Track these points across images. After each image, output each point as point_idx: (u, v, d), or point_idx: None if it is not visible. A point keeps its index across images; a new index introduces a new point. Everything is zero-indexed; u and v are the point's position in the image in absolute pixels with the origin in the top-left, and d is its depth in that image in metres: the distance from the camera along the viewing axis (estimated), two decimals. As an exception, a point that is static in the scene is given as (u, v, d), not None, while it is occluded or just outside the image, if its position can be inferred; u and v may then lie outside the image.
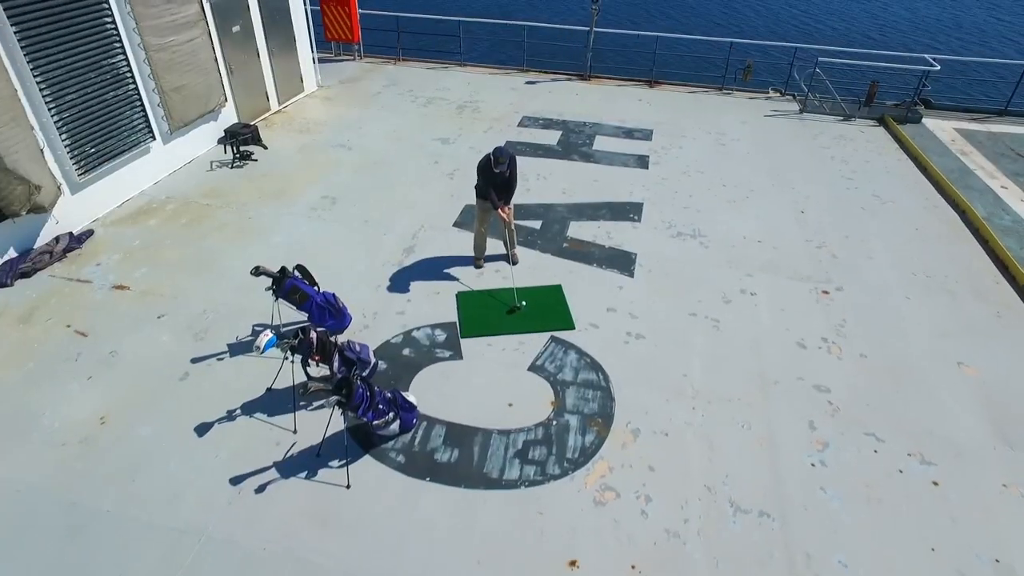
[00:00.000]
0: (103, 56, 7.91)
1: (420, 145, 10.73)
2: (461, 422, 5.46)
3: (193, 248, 7.76)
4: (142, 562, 4.35)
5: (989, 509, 4.90)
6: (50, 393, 5.65)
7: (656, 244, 8.12)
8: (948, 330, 6.80)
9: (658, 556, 4.49)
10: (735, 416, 5.62)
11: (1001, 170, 10.50)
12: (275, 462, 5.09)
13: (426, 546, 4.51)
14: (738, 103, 13.40)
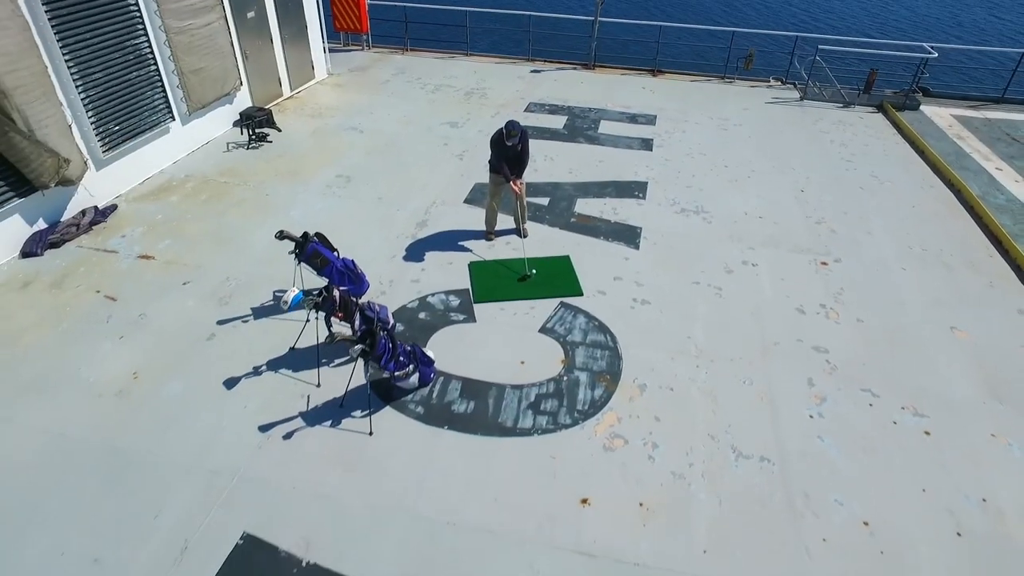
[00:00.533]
0: (126, 37, 8.19)
1: (430, 128, 11.00)
2: (476, 377, 5.74)
3: (214, 222, 8.05)
4: (180, 499, 4.63)
5: (977, 456, 5.17)
6: (85, 351, 5.93)
7: (660, 220, 8.39)
8: (942, 298, 7.07)
9: (665, 495, 4.77)
10: (737, 373, 5.89)
11: (996, 153, 10.76)
12: (300, 412, 5.37)
13: (445, 486, 4.78)
14: (740, 91, 13.67)
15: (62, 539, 4.35)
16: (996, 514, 4.71)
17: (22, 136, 6.73)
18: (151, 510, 4.56)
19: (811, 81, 13.31)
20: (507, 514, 4.59)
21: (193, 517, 4.51)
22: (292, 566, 4.22)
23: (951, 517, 4.67)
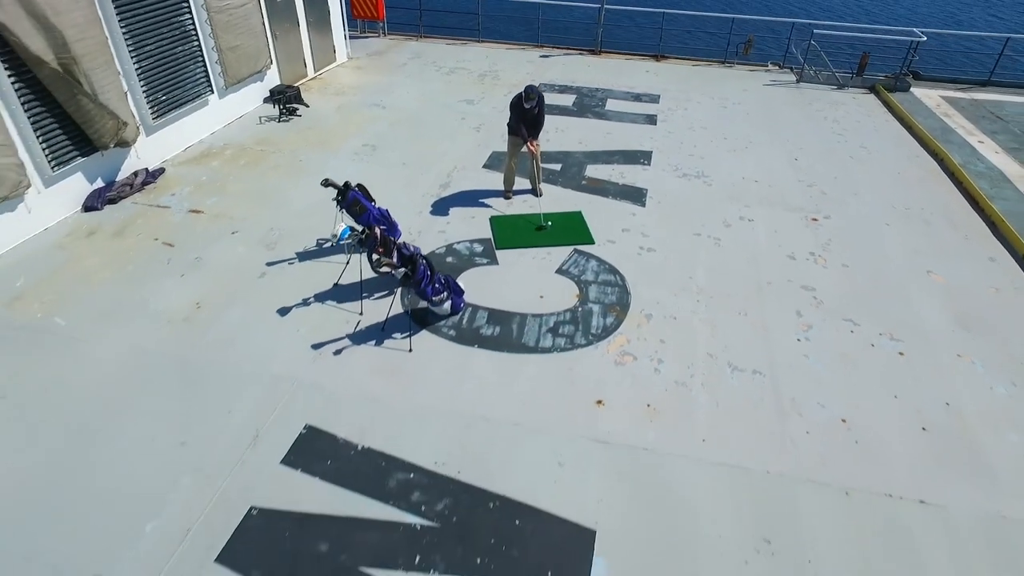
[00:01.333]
0: (174, 14, 8.92)
1: (447, 105, 11.72)
2: (501, 308, 6.45)
3: (254, 183, 8.77)
4: (248, 399, 5.35)
5: (944, 370, 5.88)
6: (151, 286, 6.66)
7: (664, 182, 9.10)
8: (921, 249, 7.78)
9: (669, 399, 5.47)
10: (734, 307, 6.60)
11: (980, 129, 11.45)
12: (347, 334, 6.08)
13: (477, 392, 5.49)
14: (739, 74, 14.37)
15: (151, 429, 5.07)
16: (957, 415, 5.42)
17: (88, 99, 7.45)
18: (224, 407, 5.27)
19: (807, 65, 14.00)
20: (532, 412, 5.30)
21: (261, 413, 5.22)
22: (349, 449, 4.93)
23: (918, 416, 5.38)
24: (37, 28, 6.82)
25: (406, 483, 4.68)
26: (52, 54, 7.00)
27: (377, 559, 4.19)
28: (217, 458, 4.83)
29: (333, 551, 4.23)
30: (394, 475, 4.74)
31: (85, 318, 6.19)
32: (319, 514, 4.45)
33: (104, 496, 4.53)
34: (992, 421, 5.36)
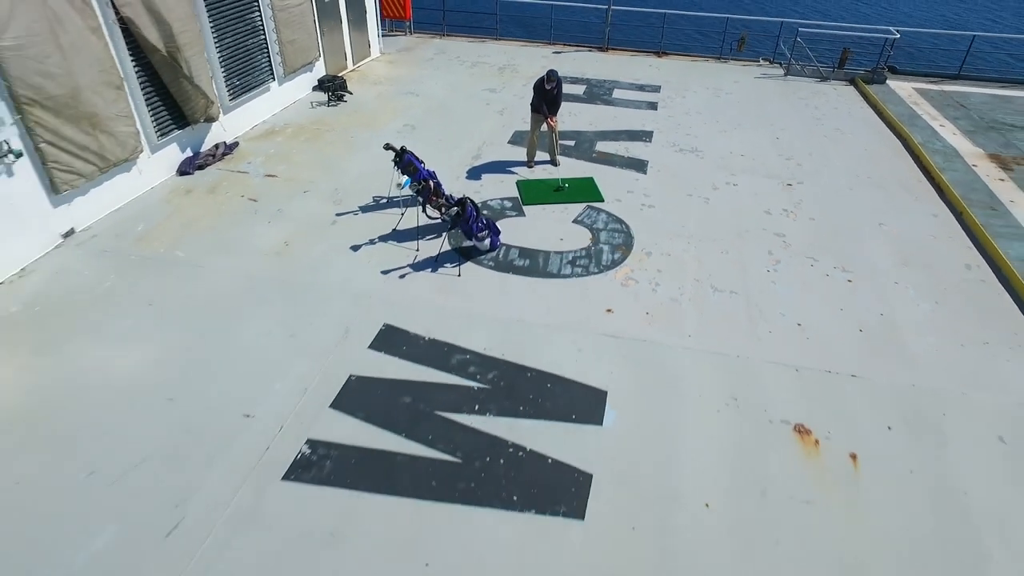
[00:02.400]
0: (247, 12, 10.53)
1: (473, 94, 13.31)
2: (529, 247, 8.02)
3: (315, 155, 10.36)
4: (335, 309, 6.91)
5: (882, 293, 7.42)
6: (246, 230, 8.24)
7: (663, 156, 10.66)
8: (877, 207, 9.32)
9: (663, 310, 7.03)
10: (717, 247, 8.16)
11: (944, 115, 12.98)
12: (408, 264, 7.65)
13: (514, 303, 7.05)
14: (733, 69, 15.92)
15: (267, 327, 6.63)
16: (889, 323, 6.96)
17: (187, 80, 9.06)
18: (320, 313, 6.84)
19: (793, 60, 15.55)
20: (557, 316, 6.86)
21: (348, 316, 6.79)
22: (419, 340, 6.49)
23: (857, 322, 6.92)
24: (153, 22, 8.42)
25: (464, 361, 6.25)
26: (163, 43, 8.60)
27: (448, 407, 5.75)
28: (320, 345, 6.40)
29: (414, 402, 5.79)
30: (455, 356, 6.31)
31: (199, 252, 7.78)
32: (401, 379, 6.02)
33: (239, 367, 6.10)
34: (915, 327, 6.90)
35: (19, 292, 7.03)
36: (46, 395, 5.77)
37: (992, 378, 6.24)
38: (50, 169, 7.44)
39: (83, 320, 6.64)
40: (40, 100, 7.09)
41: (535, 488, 5.04)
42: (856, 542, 4.71)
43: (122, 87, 8.21)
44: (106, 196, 8.43)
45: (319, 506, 4.87)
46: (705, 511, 4.93)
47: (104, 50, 7.84)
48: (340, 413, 5.66)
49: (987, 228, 8.62)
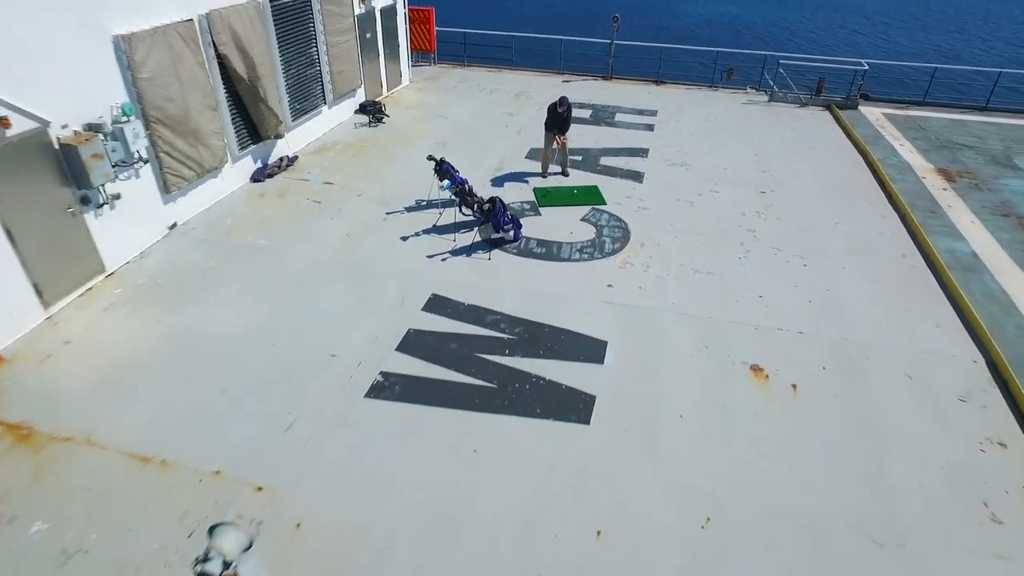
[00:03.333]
0: (307, 47, 12.57)
1: (493, 117, 15.29)
2: (545, 238, 9.86)
3: (363, 167, 12.30)
4: (392, 284, 8.73)
5: (831, 275, 9.19)
6: (313, 225, 10.12)
7: (657, 169, 12.54)
8: (836, 211, 11.12)
9: (653, 285, 8.82)
10: (699, 240, 9.97)
11: (904, 136, 14.84)
12: (448, 251, 9.49)
13: (534, 279, 8.86)
14: (722, 96, 17.89)
15: (338, 298, 8.45)
16: (833, 296, 8.72)
17: (264, 104, 11.04)
18: (379, 287, 8.67)
19: (776, 88, 17.50)
20: (568, 289, 8.66)
21: (403, 288, 8.61)
22: (460, 305, 8.30)
23: (807, 295, 8.69)
24: (241, 57, 10.43)
25: (496, 320, 8.05)
26: (247, 73, 10.59)
27: (484, 351, 7.54)
28: (382, 309, 8.22)
29: (459, 348, 7.58)
30: (488, 316, 8.11)
31: (278, 241, 9.66)
32: (448, 332, 7.82)
33: (322, 323, 7.91)
34: (854, 300, 8.67)
35: (143, 269, 8.91)
36: (177, 340, 7.61)
37: (907, 335, 7.99)
38: (164, 173, 9.37)
39: (195, 289, 8.50)
40: (163, 119, 9.05)
41: (553, 404, 6.80)
42: (791, 441, 6.44)
43: (216, 109, 10.18)
44: (199, 197, 10.35)
45: (393, 414, 6.65)
46: (679, 420, 6.67)
47: (206, 80, 9.83)
48: (404, 355, 7.46)
49: (924, 227, 10.42)
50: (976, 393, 7.13)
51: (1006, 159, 13.55)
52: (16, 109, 7.16)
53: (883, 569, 5.26)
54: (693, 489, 5.90)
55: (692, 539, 5.48)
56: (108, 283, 8.63)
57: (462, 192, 9.68)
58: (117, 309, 8.16)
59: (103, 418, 6.50)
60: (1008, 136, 14.94)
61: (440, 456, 6.17)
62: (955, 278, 9.04)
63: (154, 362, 7.26)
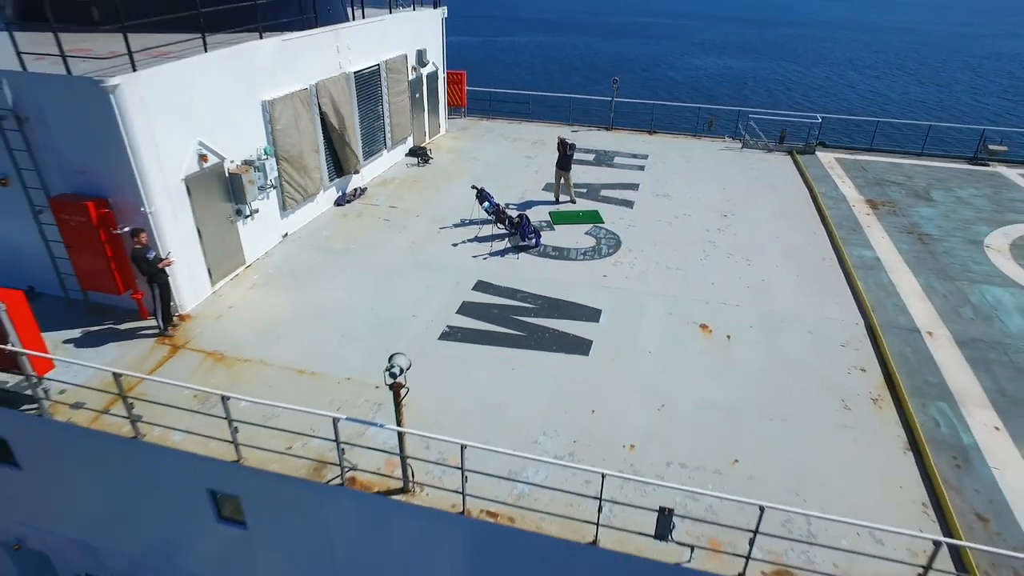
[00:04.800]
0: (375, 104, 16.46)
1: (515, 159, 19.06)
2: (558, 245, 13.41)
3: (418, 195, 16.00)
4: (450, 274, 12.25)
5: (767, 269, 12.62)
6: (387, 236, 13.74)
7: (644, 199, 16.15)
8: (779, 230, 14.61)
9: (636, 276, 12.29)
10: (672, 248, 13.47)
11: (848, 176, 18.41)
12: (487, 253, 13.04)
13: (550, 272, 12.35)
14: (703, 143, 21.64)
15: (412, 282, 11.97)
16: (767, 284, 12.14)
17: (349, 148, 14.83)
18: (440, 276, 12.18)
19: (748, 137, 21.24)
20: (574, 277, 12.14)
21: (457, 276, 12.12)
22: (498, 287, 11.79)
23: (747, 283, 12.11)
24: (335, 113, 14.26)
25: (524, 295, 11.52)
26: (338, 124, 14.41)
27: (515, 313, 10.99)
28: (445, 289, 11.72)
29: (498, 311, 11.04)
30: (518, 293, 11.59)
31: (363, 246, 13.26)
32: (490, 303, 11.30)
33: (403, 297, 11.40)
34: (780, 286, 12.07)
35: (269, 263, 12.51)
36: (303, 308, 11.13)
37: (814, 308, 11.36)
38: (284, 196, 13.07)
39: (309, 277, 12.06)
40: (287, 158, 12.80)
41: (563, 344, 10.20)
42: (721, 366, 9.78)
43: (318, 151, 13.97)
44: (302, 216, 14.02)
45: (457, 350, 10.07)
46: (648, 354, 10.04)
47: (313, 130, 13.64)
48: (461, 316, 10.92)
49: (844, 240, 13.88)
50: (853, 342, 10.47)
51: (925, 193, 17.07)
52: (210, 150, 10.89)
53: (772, 433, 8.53)
54: (654, 388, 9.24)
55: (651, 416, 8.78)
56: (248, 272, 12.22)
57: (497, 211, 13.31)
58: (258, 288, 11.72)
59: (266, 350, 9.97)
60: (932, 176, 18.48)
61: (489, 372, 9.56)
62: (857, 274, 12.44)
63: (291, 320, 10.77)
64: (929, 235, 14.39)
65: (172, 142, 10.13)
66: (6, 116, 9.44)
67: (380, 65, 16.31)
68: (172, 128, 10.08)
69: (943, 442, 8.39)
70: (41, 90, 9.24)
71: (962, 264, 13.02)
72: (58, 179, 9.94)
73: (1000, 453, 8.24)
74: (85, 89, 8.90)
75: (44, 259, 10.62)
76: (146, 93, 9.40)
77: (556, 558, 7.14)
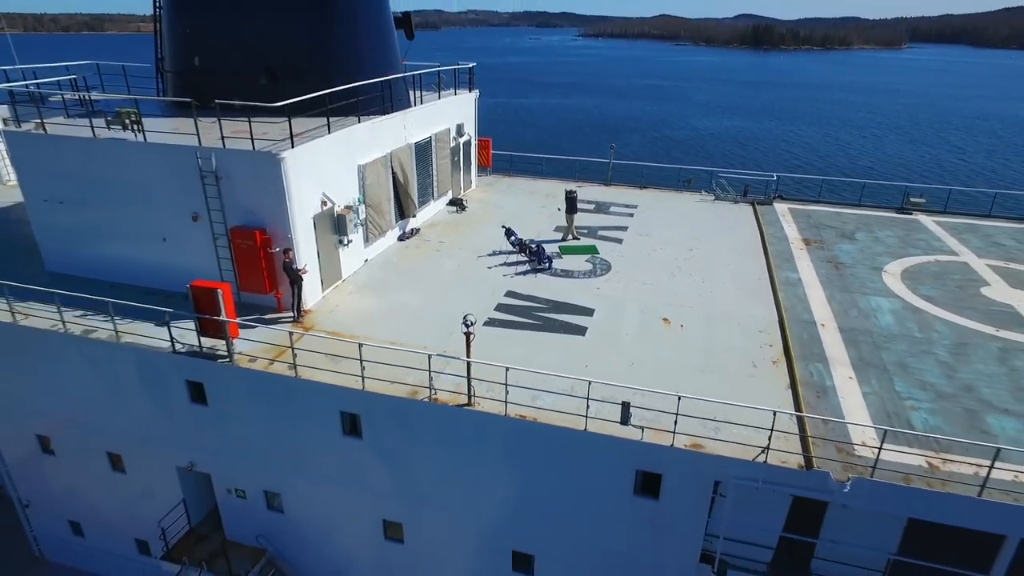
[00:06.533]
0: (427, 166, 21.82)
1: (532, 208, 24.28)
2: (565, 268, 18.41)
3: (458, 235, 21.15)
4: (487, 286, 17.20)
5: (717, 286, 17.50)
6: (439, 262, 18.78)
7: (631, 237, 21.20)
8: (731, 259, 19.52)
9: (621, 288, 17.19)
10: (649, 271, 18.39)
11: (795, 221, 23.41)
12: (513, 274, 18.03)
13: (559, 285, 17.26)
14: (683, 196, 26.81)
15: (462, 292, 16.94)
16: (714, 295, 16.95)
17: (410, 198, 20.10)
18: (481, 288, 17.14)
19: (719, 191, 26.42)
20: (577, 288, 17.05)
21: (492, 288, 17.06)
22: (521, 294, 16.74)
23: (701, 294, 16.95)
24: (402, 172, 19.57)
25: (541, 299, 16.44)
26: (404, 180, 19.70)
27: (535, 311, 15.88)
28: (485, 296, 16.66)
29: (524, 309, 15.95)
30: (536, 299, 16.51)
31: (420, 267, 18.30)
32: (515, 304, 16.22)
33: (457, 300, 16.32)
34: (725, 297, 16.89)
35: (358, 279, 17.57)
36: (388, 306, 16.11)
37: (745, 310, 16.15)
38: (367, 231, 18.23)
39: (388, 288, 17.08)
40: (372, 205, 18.02)
41: (568, 329, 15.04)
42: (674, 343, 14.56)
43: (390, 199, 19.23)
44: (377, 247, 19.15)
45: (498, 332, 14.96)
46: (626, 336, 14.86)
47: (388, 185, 18.93)
48: (498, 312, 15.83)
49: (777, 266, 18.76)
50: (768, 330, 15.22)
51: (851, 234, 22.00)
52: (328, 198, 16.11)
53: (704, 379, 13.21)
54: (628, 355, 14.00)
55: (624, 370, 13.50)
56: (343, 284, 17.26)
57: (520, 244, 18.37)
58: (353, 295, 16.72)
59: (369, 331, 14.84)
60: (862, 221, 23.45)
61: (517, 346, 14.35)
62: (781, 288, 17.27)
63: (379, 314, 15.72)
64: (843, 263, 19.26)
65: (307, 193, 15.33)
66: (208, 176, 14.68)
67: (432, 137, 21.76)
68: (307, 184, 15.29)
69: (812, 384, 13.05)
70: (235, 159, 14.48)
71: (860, 283, 17.84)
72: (234, 216, 15.09)
73: (846, 390, 12.88)
74: (265, 159, 14.15)
75: (213, 270, 15.66)
76: (298, 162, 14.65)
77: (561, 441, 11.79)
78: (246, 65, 17.71)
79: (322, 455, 13.99)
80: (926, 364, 13.80)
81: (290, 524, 15.33)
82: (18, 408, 16.71)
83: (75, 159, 15.74)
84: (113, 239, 16.43)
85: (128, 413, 15.21)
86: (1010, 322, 15.70)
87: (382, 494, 13.91)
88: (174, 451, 15.34)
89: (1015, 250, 20.69)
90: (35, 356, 15.31)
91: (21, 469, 18.03)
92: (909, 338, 14.89)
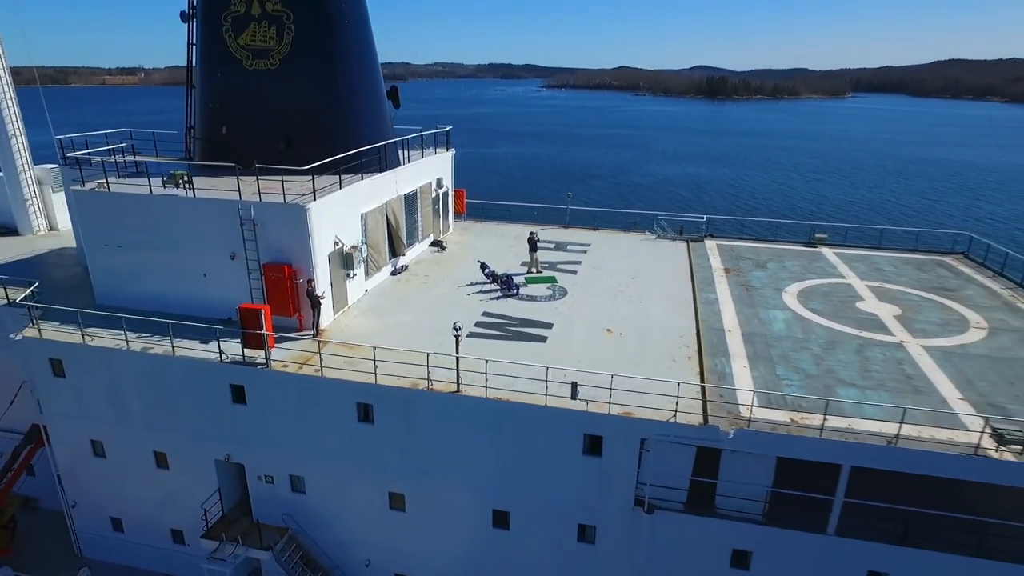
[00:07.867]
0: (414, 212, 26.14)
1: (503, 248, 28.66)
2: (530, 294, 22.71)
3: (441, 269, 25.36)
4: (467, 309, 21.32)
5: (651, 304, 21.95)
6: (427, 291, 22.90)
7: (587, 269, 25.67)
8: (664, 284, 24.03)
9: (577, 308, 21.51)
10: (598, 294, 22.77)
11: (720, 255, 28.23)
12: (488, 299, 22.25)
13: (525, 307, 21.53)
14: (630, 236, 31.52)
15: (450, 312, 21.02)
16: (647, 312, 21.39)
17: (399, 238, 24.32)
18: (463, 310, 21.26)
19: (659, 231, 31.27)
20: (539, 309, 21.31)
21: (473, 309, 21.22)
22: (495, 314, 20.94)
23: (639, 311, 21.35)
24: (395, 218, 23.83)
25: (511, 318, 20.64)
26: (395, 225, 23.95)
27: (506, 326, 20.07)
28: (464, 316, 20.72)
29: (499, 323, 20.12)
30: (508, 317, 20.72)
31: (413, 296, 22.40)
32: (493, 321, 20.40)
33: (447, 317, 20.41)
34: (656, 312, 21.25)
35: (360, 305, 21.57)
36: (388, 326, 20.19)
37: (670, 321, 20.54)
38: (368, 267, 22.34)
39: (386, 311, 21.11)
40: (372, 245, 22.19)
41: (532, 338, 19.25)
42: (615, 346, 18.84)
43: (385, 241, 23.45)
44: (374, 280, 23.20)
45: (480, 341, 19.08)
46: (578, 342, 19.11)
47: (385, 229, 23.15)
48: (477, 327, 19.96)
49: (699, 289, 23.34)
50: (686, 335, 19.60)
51: (763, 264, 26.85)
52: (339, 239, 20.25)
53: (636, 370, 17.45)
54: (577, 357, 18.18)
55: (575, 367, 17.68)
56: (349, 309, 21.23)
57: (493, 276, 22.68)
58: (358, 317, 20.70)
59: (372, 342, 18.81)
60: (773, 254, 28.39)
61: (494, 350, 18.45)
62: (700, 306, 21.79)
63: (381, 330, 19.74)
64: (753, 286, 23.98)
65: (324, 235, 19.45)
66: (247, 223, 18.71)
67: (417, 189, 26.18)
68: (324, 228, 19.42)
69: (716, 371, 17.40)
70: (270, 210, 18.58)
71: (764, 300, 22.49)
72: (266, 254, 19.08)
73: (740, 374, 17.24)
74: (295, 210, 18.30)
75: (245, 298, 19.50)
76: (319, 211, 18.81)
77: (528, 415, 15.80)
78: (267, 133, 21.98)
79: (341, 439, 17.70)
80: (802, 356, 18.30)
81: (311, 503, 18.84)
82: (79, 417, 20.01)
83: (135, 211, 19.63)
84: (160, 276, 20.19)
85: (176, 415, 18.73)
86: (871, 326, 20.43)
87: (389, 468, 17.63)
88: (214, 446, 18.83)
89: (891, 274, 25.75)
90: (100, 372, 18.81)
91: (73, 472, 21.14)
92: (793, 338, 19.44)
